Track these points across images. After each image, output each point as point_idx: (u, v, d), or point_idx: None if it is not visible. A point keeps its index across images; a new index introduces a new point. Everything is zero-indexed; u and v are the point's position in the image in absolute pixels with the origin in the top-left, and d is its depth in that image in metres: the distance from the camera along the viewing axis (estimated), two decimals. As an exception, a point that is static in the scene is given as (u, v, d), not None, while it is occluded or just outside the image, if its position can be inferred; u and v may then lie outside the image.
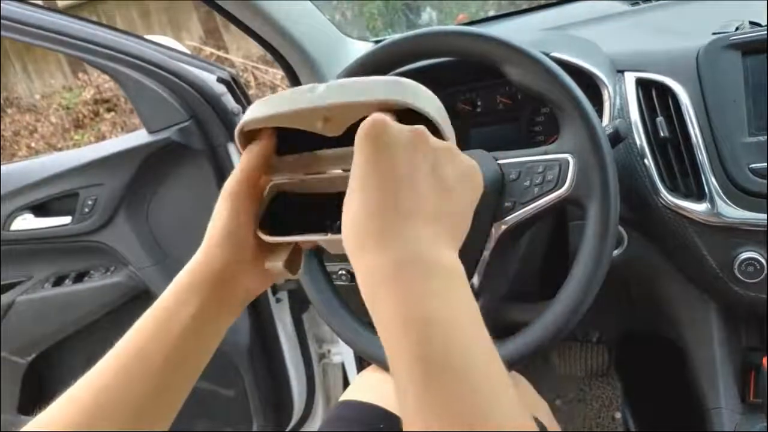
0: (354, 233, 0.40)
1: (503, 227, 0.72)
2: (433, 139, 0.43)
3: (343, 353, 1.42)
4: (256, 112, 0.48)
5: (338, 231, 0.46)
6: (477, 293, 0.77)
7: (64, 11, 1.24)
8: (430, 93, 0.46)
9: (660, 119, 0.79)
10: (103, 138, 4.79)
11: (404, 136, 0.41)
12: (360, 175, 0.41)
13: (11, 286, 1.39)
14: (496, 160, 0.76)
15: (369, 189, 0.40)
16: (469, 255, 0.72)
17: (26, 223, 1.32)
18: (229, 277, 0.49)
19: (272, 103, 0.47)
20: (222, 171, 1.22)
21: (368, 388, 0.80)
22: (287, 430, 1.42)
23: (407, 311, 0.36)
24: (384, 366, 0.79)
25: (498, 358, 0.36)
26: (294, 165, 0.52)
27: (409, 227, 0.39)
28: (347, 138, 0.46)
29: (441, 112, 0.46)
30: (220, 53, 4.95)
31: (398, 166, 0.40)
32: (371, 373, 0.84)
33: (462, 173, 0.43)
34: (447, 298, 0.37)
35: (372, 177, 0.40)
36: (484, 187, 0.48)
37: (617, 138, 0.72)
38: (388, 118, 0.42)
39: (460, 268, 0.39)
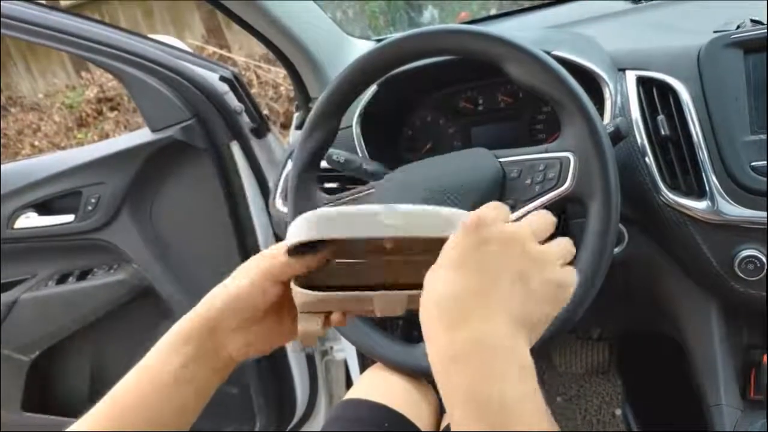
0: (437, 310, 0.42)
1: (504, 226, 0.72)
2: (530, 246, 0.46)
3: (345, 350, 1.43)
4: (323, 231, 0.47)
5: (390, 288, 0.49)
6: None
7: (67, 10, 1.25)
8: None
9: (661, 117, 0.79)
10: (107, 137, 4.79)
11: (506, 235, 0.44)
12: (456, 256, 0.43)
13: (14, 284, 1.39)
14: (498, 158, 0.76)
15: (463, 272, 0.43)
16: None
17: (29, 221, 1.32)
18: (218, 339, 0.51)
19: (340, 225, 0.47)
20: (224, 169, 1.22)
21: (372, 386, 0.80)
22: (290, 427, 1.42)
23: (480, 389, 0.39)
24: (387, 364, 0.79)
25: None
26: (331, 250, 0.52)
27: (494, 316, 0.41)
28: None
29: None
30: (223, 52, 4.95)
31: (494, 262, 0.43)
32: (375, 371, 0.84)
33: (549, 284, 0.45)
34: (517, 385, 0.39)
35: (469, 263, 0.43)
36: (483, 186, 0.49)
37: (618, 136, 0.72)
38: (494, 215, 0.45)
39: (532, 364, 0.41)
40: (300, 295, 0.49)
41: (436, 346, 0.42)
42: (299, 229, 0.47)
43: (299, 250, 0.49)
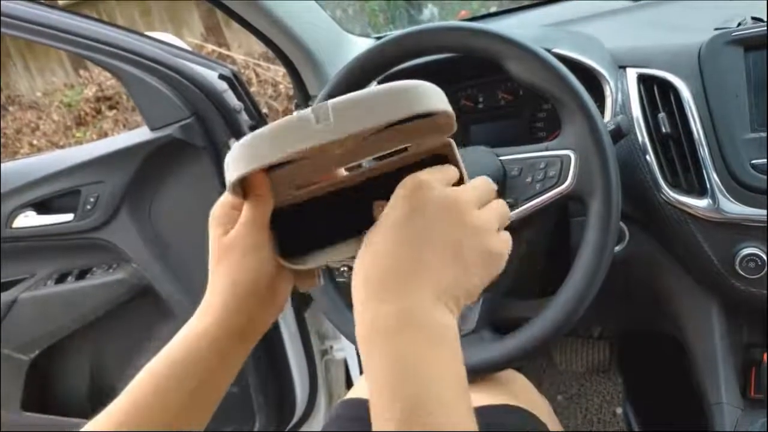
0: (366, 281, 0.42)
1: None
2: (469, 213, 0.44)
3: (345, 349, 1.43)
4: (260, 157, 0.42)
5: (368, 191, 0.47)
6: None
7: (66, 8, 1.25)
8: (433, 86, 0.45)
9: (662, 115, 0.79)
10: (105, 135, 4.79)
11: (445, 201, 0.43)
12: (390, 223, 0.42)
13: (14, 283, 1.39)
14: (498, 156, 0.76)
15: (396, 242, 0.42)
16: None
17: (28, 220, 1.32)
18: (253, 324, 0.49)
19: (273, 144, 0.41)
20: (224, 168, 1.21)
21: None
22: (290, 426, 1.42)
23: (398, 366, 0.39)
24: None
25: (472, 416, 0.39)
26: (287, 176, 0.49)
27: (421, 290, 0.41)
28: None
29: (448, 103, 0.46)
30: (222, 50, 4.94)
31: (428, 231, 0.42)
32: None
33: (484, 254, 0.44)
34: (437, 359, 0.39)
35: (400, 234, 0.42)
36: None
37: (619, 134, 0.72)
38: (432, 180, 0.43)
39: (455, 330, 0.41)
40: (295, 267, 0.48)
41: (362, 317, 0.41)
42: (230, 165, 0.43)
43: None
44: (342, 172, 0.51)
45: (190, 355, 0.47)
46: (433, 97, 0.44)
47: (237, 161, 0.43)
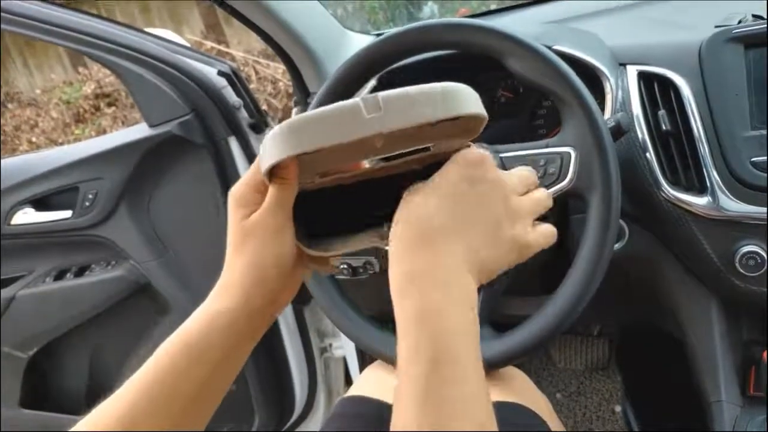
0: (409, 228, 0.44)
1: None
2: (512, 196, 0.47)
3: (344, 347, 1.43)
4: (306, 142, 0.41)
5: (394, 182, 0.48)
6: (478, 288, 0.77)
7: (65, 5, 1.24)
8: (472, 90, 0.46)
9: (662, 113, 0.79)
10: (104, 132, 4.78)
11: (496, 180, 0.46)
12: (444, 184, 0.44)
13: (12, 280, 1.39)
14: (498, 153, 0.76)
15: (445, 202, 0.44)
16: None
17: (27, 217, 1.32)
18: (268, 308, 0.49)
19: (320, 131, 0.41)
20: (223, 165, 1.21)
21: (373, 383, 0.80)
22: (289, 424, 1.42)
23: (430, 313, 0.41)
24: (387, 360, 0.79)
25: (483, 376, 0.42)
26: (314, 163, 0.48)
27: (455, 254, 0.43)
28: None
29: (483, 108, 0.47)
30: (221, 47, 4.93)
31: (476, 203, 0.45)
32: (375, 369, 0.84)
33: (513, 240, 0.46)
34: (462, 319, 0.42)
35: (454, 196, 0.44)
36: None
37: (619, 131, 0.72)
38: (491, 158, 0.47)
39: (475, 295, 0.45)
40: (308, 251, 0.49)
41: (397, 264, 0.43)
42: (271, 147, 0.42)
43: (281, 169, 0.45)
44: (365, 164, 0.52)
45: (206, 337, 0.47)
46: (476, 101, 0.45)
47: (281, 144, 0.41)
